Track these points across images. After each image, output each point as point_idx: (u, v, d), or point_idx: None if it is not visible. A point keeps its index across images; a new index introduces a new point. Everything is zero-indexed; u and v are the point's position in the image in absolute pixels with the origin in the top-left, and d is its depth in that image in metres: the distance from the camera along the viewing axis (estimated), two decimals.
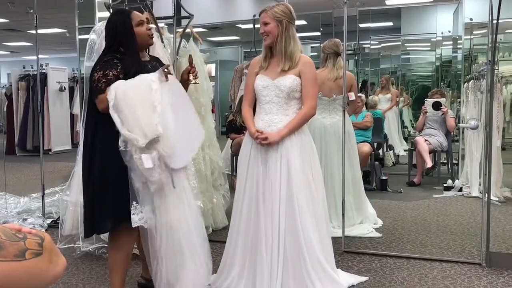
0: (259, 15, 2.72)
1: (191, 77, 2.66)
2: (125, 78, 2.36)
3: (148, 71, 2.42)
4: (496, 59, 3.69)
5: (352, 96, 3.90)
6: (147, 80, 2.28)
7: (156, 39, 3.49)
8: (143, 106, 2.22)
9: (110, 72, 2.37)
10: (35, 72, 6.94)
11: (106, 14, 3.68)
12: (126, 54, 2.44)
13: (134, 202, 2.27)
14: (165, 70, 2.34)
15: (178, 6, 3.77)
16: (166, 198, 2.31)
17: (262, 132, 2.63)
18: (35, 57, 4.71)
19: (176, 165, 2.30)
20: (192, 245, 2.37)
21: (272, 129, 2.66)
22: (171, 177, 2.30)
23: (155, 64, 2.59)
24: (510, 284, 2.89)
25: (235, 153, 5.36)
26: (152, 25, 3.39)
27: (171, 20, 3.76)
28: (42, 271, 0.92)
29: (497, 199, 4.76)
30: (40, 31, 4.55)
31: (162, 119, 2.21)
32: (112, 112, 2.23)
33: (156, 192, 2.27)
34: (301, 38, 2.80)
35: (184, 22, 3.96)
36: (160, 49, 3.47)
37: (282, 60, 2.68)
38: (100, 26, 3.65)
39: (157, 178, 2.22)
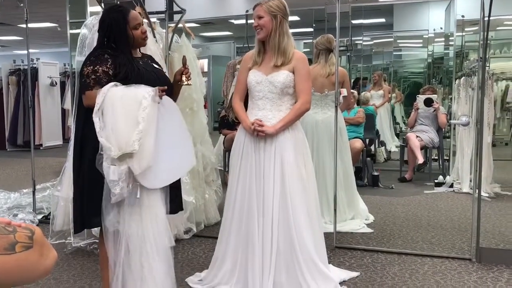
0: (253, 9, 2.71)
1: (183, 78, 2.62)
2: (115, 76, 2.34)
3: (139, 69, 2.39)
4: (487, 56, 3.72)
5: (344, 92, 3.91)
6: (140, 96, 2.25)
7: (148, 34, 3.47)
8: (126, 119, 2.20)
9: (100, 68, 2.34)
10: (26, 67, 6.89)
11: (98, 8, 3.67)
12: (117, 51, 2.42)
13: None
14: (160, 91, 2.31)
15: (170, 1, 3.75)
16: (127, 212, 2.29)
17: (260, 121, 2.62)
18: (25, 52, 4.67)
19: (150, 184, 2.28)
20: (152, 265, 2.34)
21: (266, 125, 2.65)
22: (138, 192, 2.26)
23: (146, 61, 2.57)
24: (500, 279, 2.92)
25: (227, 148, 5.36)
26: (145, 20, 3.37)
27: (163, 15, 3.74)
28: (32, 264, 0.92)
29: (487, 195, 4.80)
30: (30, 25, 4.51)
31: (141, 137, 2.19)
32: (94, 116, 2.21)
33: (117, 204, 2.26)
34: (294, 34, 2.80)
35: (176, 17, 3.95)
36: (152, 44, 3.45)
37: (275, 56, 2.67)
38: (91, 21, 3.62)
39: (118, 192, 2.20)
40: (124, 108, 2.22)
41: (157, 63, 2.71)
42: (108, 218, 2.28)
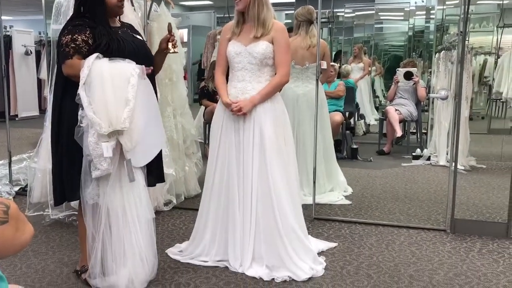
0: None
1: (170, 46, 2.56)
2: (96, 47, 2.28)
3: (119, 41, 2.34)
4: (467, 30, 3.73)
5: (324, 64, 3.89)
6: (127, 73, 2.22)
7: (126, 2, 3.38)
8: (115, 96, 2.19)
9: (79, 37, 2.28)
10: None
11: None
12: (95, 21, 2.35)
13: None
14: (146, 69, 2.29)
15: None
16: (107, 185, 2.28)
17: (236, 102, 2.61)
18: None
19: (136, 163, 2.30)
20: (134, 239, 2.35)
21: (245, 96, 2.64)
22: (130, 171, 2.28)
23: (125, 31, 2.51)
24: (472, 249, 3.01)
25: (207, 121, 5.33)
26: None
27: None
28: (8, 239, 0.91)
29: (463, 168, 4.90)
30: None
31: (132, 115, 2.19)
32: (81, 90, 2.17)
33: (99, 178, 2.25)
34: (275, 5, 2.76)
35: None
36: (130, 13, 3.37)
37: (254, 26, 2.63)
38: None
39: (105, 167, 2.19)
40: (112, 85, 2.19)
41: (137, 32, 2.65)
42: (87, 191, 2.26)
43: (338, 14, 7.48)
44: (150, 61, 2.54)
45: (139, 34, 2.66)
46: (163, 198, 3.69)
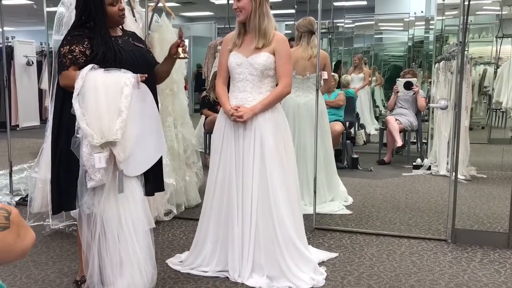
0: None
1: (180, 51, 2.55)
2: (93, 58, 2.30)
3: (116, 50, 2.35)
4: (466, 41, 3.75)
5: (325, 75, 3.91)
6: (121, 83, 2.22)
7: (127, 13, 3.41)
8: (108, 106, 2.18)
9: (76, 48, 2.31)
10: (1, 46, 6.71)
11: None
12: (95, 30, 2.38)
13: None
14: (140, 76, 2.28)
15: None
16: (102, 196, 2.28)
17: (237, 109, 2.62)
18: (0, 30, 4.54)
19: (130, 172, 2.30)
20: (131, 250, 2.33)
21: (246, 107, 2.65)
22: (120, 182, 2.27)
23: (126, 40, 2.52)
24: (474, 259, 3.00)
25: (208, 131, 5.34)
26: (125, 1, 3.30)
27: None
28: (9, 245, 0.91)
29: (463, 177, 4.89)
30: (5, 2, 4.38)
31: (125, 125, 2.18)
32: (74, 101, 2.18)
33: (95, 188, 2.25)
34: (276, 16, 2.77)
35: None
36: (131, 24, 3.39)
37: (256, 37, 2.65)
38: None
39: (99, 178, 2.19)
40: (106, 95, 2.19)
41: (139, 40, 2.67)
42: (83, 200, 2.26)
43: (338, 24, 7.52)
44: (150, 69, 2.56)
45: (142, 42, 2.67)
46: (164, 208, 3.68)
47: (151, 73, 2.57)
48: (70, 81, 2.24)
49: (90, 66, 2.25)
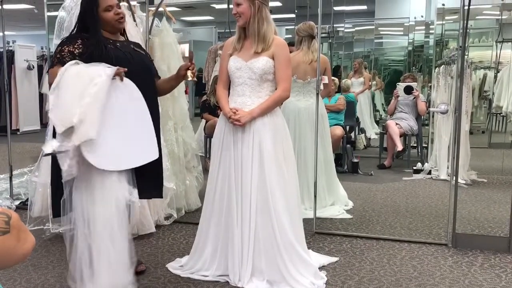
0: None
1: (189, 74, 2.53)
2: (81, 56, 2.33)
3: (105, 48, 2.36)
4: (466, 45, 3.76)
5: (325, 79, 3.92)
6: (95, 73, 2.19)
7: (128, 17, 3.42)
8: (73, 93, 2.14)
9: (66, 48, 2.36)
10: (2, 50, 6.72)
11: None
12: (91, 33, 2.41)
13: None
14: (120, 72, 2.24)
15: None
16: (80, 191, 2.25)
17: (236, 112, 2.62)
18: (1, 34, 4.55)
19: (100, 164, 2.19)
20: (103, 252, 2.26)
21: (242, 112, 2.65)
22: (86, 177, 2.22)
23: (125, 44, 2.54)
24: (474, 263, 2.99)
25: (208, 135, 5.34)
26: (123, 8, 3.32)
27: None
28: (10, 249, 0.91)
29: (464, 182, 4.89)
30: (6, 6, 4.39)
31: (85, 111, 2.10)
32: (50, 93, 2.18)
33: (67, 182, 2.22)
34: (276, 20, 2.78)
35: (157, 1, 3.89)
36: (132, 28, 3.40)
37: (255, 42, 2.65)
38: (69, 3, 3.55)
39: (66, 168, 2.14)
40: (75, 83, 2.17)
41: (141, 49, 2.68)
42: (63, 198, 2.24)
43: (338, 29, 7.53)
44: (150, 74, 2.57)
45: (143, 51, 2.69)
46: (164, 212, 3.68)
47: (150, 77, 2.57)
48: (53, 78, 2.26)
49: (73, 61, 2.26)
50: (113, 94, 2.22)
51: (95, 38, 2.38)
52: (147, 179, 2.49)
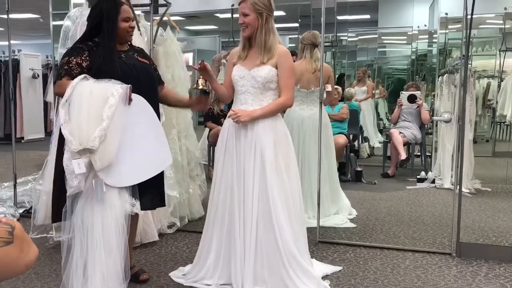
0: (239, 4, 2.69)
1: (200, 82, 2.62)
2: (89, 69, 2.37)
3: (114, 62, 2.39)
4: (469, 54, 3.76)
5: (328, 87, 3.93)
6: (107, 92, 2.25)
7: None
8: (89, 114, 2.21)
9: (74, 60, 2.38)
10: (7, 58, 6.77)
11: (82, 0, 3.62)
12: (99, 43, 2.42)
13: None
14: (130, 93, 2.31)
15: None
16: (82, 200, 2.29)
17: (235, 113, 2.61)
18: (7, 43, 4.59)
19: (112, 182, 2.27)
20: (98, 262, 2.28)
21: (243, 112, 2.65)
22: (98, 190, 2.25)
23: (130, 55, 2.57)
24: (479, 273, 2.97)
25: (212, 143, 5.35)
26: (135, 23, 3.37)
27: (148, 7, 3.71)
28: (13, 259, 0.91)
29: (468, 191, 4.87)
30: (12, 15, 4.43)
31: (105, 134, 2.19)
32: (60, 108, 2.23)
33: (71, 195, 2.27)
34: (280, 29, 2.79)
35: (161, 10, 3.91)
36: (136, 37, 3.42)
37: (261, 53, 2.66)
38: (75, 13, 3.58)
39: (76, 185, 2.20)
40: (89, 103, 2.23)
41: (146, 56, 2.72)
42: (64, 209, 2.28)
43: (341, 38, 7.55)
44: (153, 84, 2.59)
45: (148, 58, 2.72)
46: (167, 221, 3.68)
47: (154, 87, 2.60)
48: (61, 90, 2.31)
49: (82, 76, 2.31)
50: (128, 111, 2.30)
51: (104, 49, 2.40)
52: (150, 190, 2.51)
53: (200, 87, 2.58)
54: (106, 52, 2.40)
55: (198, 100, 2.77)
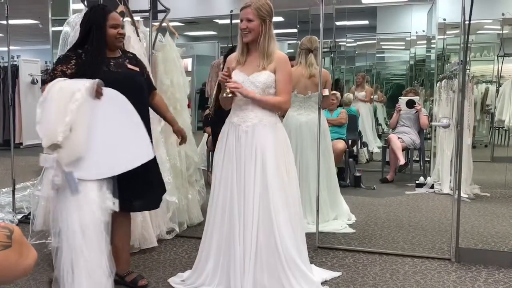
0: (241, 9, 2.69)
1: (228, 89, 2.60)
2: (74, 75, 2.44)
3: (99, 72, 2.45)
4: (468, 59, 3.78)
5: (326, 91, 3.94)
6: (74, 88, 2.32)
7: (131, 32, 3.46)
8: (57, 110, 2.27)
9: (60, 67, 2.48)
10: (6, 64, 6.79)
11: (80, 6, 3.63)
12: (89, 51, 2.50)
13: None
14: (98, 87, 2.36)
15: (154, 0, 3.73)
16: (60, 200, 2.32)
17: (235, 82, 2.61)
18: (6, 49, 4.59)
19: (80, 175, 2.29)
20: (81, 258, 2.29)
21: (247, 124, 2.65)
22: (70, 183, 2.28)
23: (120, 62, 2.62)
24: (478, 278, 2.97)
25: (211, 148, 5.34)
26: (126, 23, 3.40)
27: (147, 13, 3.72)
28: (11, 264, 0.91)
29: (467, 196, 4.87)
30: (11, 21, 4.44)
31: (69, 129, 2.24)
32: (37, 107, 2.31)
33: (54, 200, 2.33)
34: (278, 35, 2.80)
35: (160, 16, 3.93)
36: (135, 43, 3.44)
37: (262, 59, 2.67)
38: (74, 19, 3.59)
39: (50, 179, 2.26)
40: (58, 99, 2.29)
41: (138, 63, 2.76)
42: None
43: (340, 43, 7.57)
44: (139, 91, 2.61)
45: (140, 65, 2.76)
46: (166, 226, 3.67)
47: (141, 95, 2.63)
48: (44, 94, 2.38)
49: (61, 78, 2.39)
50: (99, 106, 2.34)
51: (93, 56, 2.48)
52: (146, 191, 2.52)
53: (229, 95, 2.60)
54: (92, 59, 2.49)
55: (181, 135, 2.94)
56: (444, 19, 6.05)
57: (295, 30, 6.65)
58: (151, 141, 2.57)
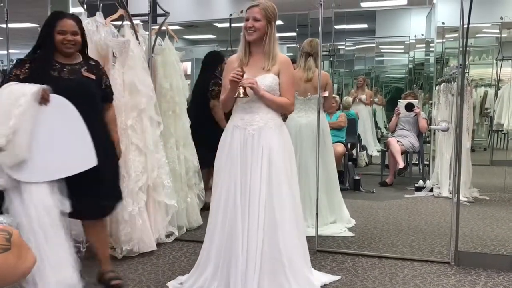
0: (247, 9, 2.68)
1: (241, 90, 2.56)
2: (27, 81, 2.48)
3: (55, 79, 2.51)
4: (466, 63, 3.78)
5: (325, 93, 3.94)
6: (19, 93, 2.37)
7: (131, 36, 3.46)
8: (3, 114, 2.32)
9: (14, 71, 2.53)
10: (6, 68, 6.77)
11: (80, 9, 3.63)
12: (39, 56, 2.58)
13: None
14: (44, 93, 2.41)
15: (154, 4, 3.74)
16: (12, 202, 2.38)
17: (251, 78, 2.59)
18: (5, 52, 4.60)
19: (22, 177, 2.36)
20: (44, 243, 2.31)
21: (253, 127, 2.64)
22: (15, 186, 2.36)
23: (77, 68, 2.64)
24: (477, 282, 2.97)
25: None
26: (125, 27, 3.41)
27: (147, 17, 3.73)
28: (10, 266, 0.91)
29: (466, 199, 4.87)
30: (11, 25, 4.45)
31: (12, 132, 2.29)
32: None
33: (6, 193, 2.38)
34: (278, 38, 2.81)
35: (159, 19, 3.94)
36: (135, 47, 3.44)
37: (267, 61, 2.67)
38: None
39: None
40: (3, 103, 2.34)
41: (99, 70, 2.77)
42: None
43: (339, 47, 7.58)
44: (88, 98, 2.64)
45: (100, 74, 2.76)
46: (165, 230, 3.66)
47: (90, 103, 2.64)
48: None
49: (13, 82, 2.45)
50: (44, 111, 2.41)
51: (41, 61, 2.55)
52: (82, 198, 2.53)
53: (241, 95, 2.58)
54: (39, 64, 2.55)
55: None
56: (443, 23, 6.06)
57: (294, 34, 6.65)
58: (114, 147, 2.75)
